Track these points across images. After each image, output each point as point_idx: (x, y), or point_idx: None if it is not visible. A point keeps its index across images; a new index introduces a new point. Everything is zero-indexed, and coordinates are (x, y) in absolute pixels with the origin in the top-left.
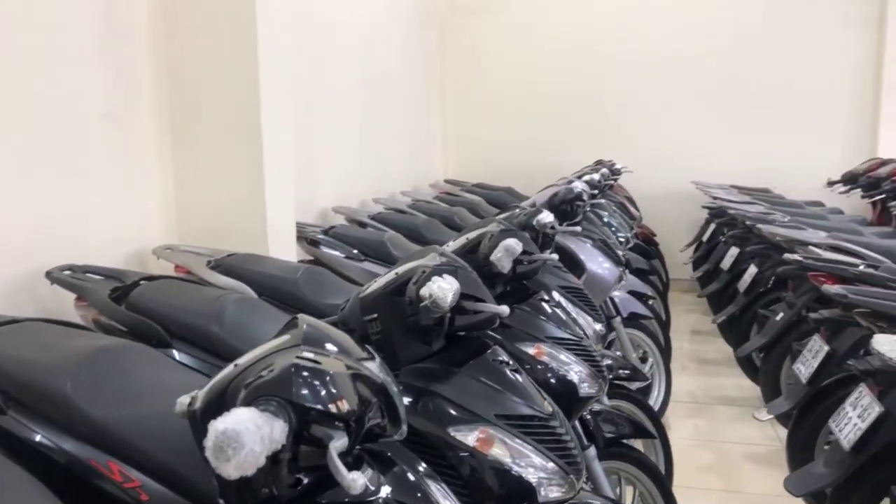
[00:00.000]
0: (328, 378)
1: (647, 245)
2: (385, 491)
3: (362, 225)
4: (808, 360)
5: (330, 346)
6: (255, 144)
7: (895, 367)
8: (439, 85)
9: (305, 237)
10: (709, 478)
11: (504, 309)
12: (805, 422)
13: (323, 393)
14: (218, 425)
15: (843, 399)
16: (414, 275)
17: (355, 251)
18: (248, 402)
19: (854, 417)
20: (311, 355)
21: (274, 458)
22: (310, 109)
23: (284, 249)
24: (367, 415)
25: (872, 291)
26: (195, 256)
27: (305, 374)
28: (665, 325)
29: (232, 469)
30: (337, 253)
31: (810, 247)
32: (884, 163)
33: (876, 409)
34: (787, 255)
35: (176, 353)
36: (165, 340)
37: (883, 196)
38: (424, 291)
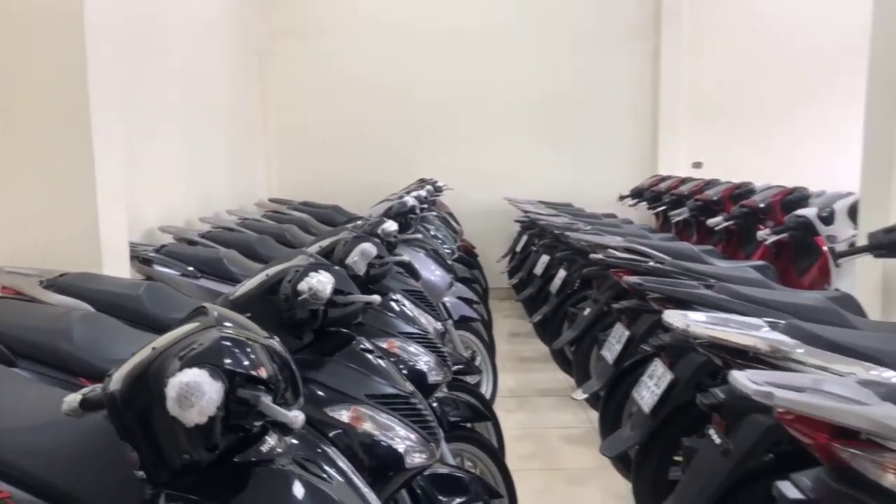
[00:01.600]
0: (250, 348)
1: (468, 256)
2: (290, 448)
3: (192, 243)
4: (613, 345)
5: (239, 327)
6: (86, 163)
7: (683, 337)
8: (260, 106)
9: (137, 256)
10: (533, 460)
11: (376, 297)
12: (613, 398)
13: (248, 361)
14: (181, 378)
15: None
16: (287, 274)
17: (191, 268)
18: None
19: (651, 386)
20: (231, 332)
21: (210, 418)
22: (130, 128)
23: (118, 268)
24: (281, 381)
25: (661, 280)
26: (24, 277)
27: (231, 344)
28: (489, 328)
29: (195, 414)
30: (171, 271)
31: (610, 249)
32: (663, 179)
33: (668, 378)
34: (591, 255)
35: (22, 372)
36: (9, 359)
37: (664, 207)
38: (303, 286)
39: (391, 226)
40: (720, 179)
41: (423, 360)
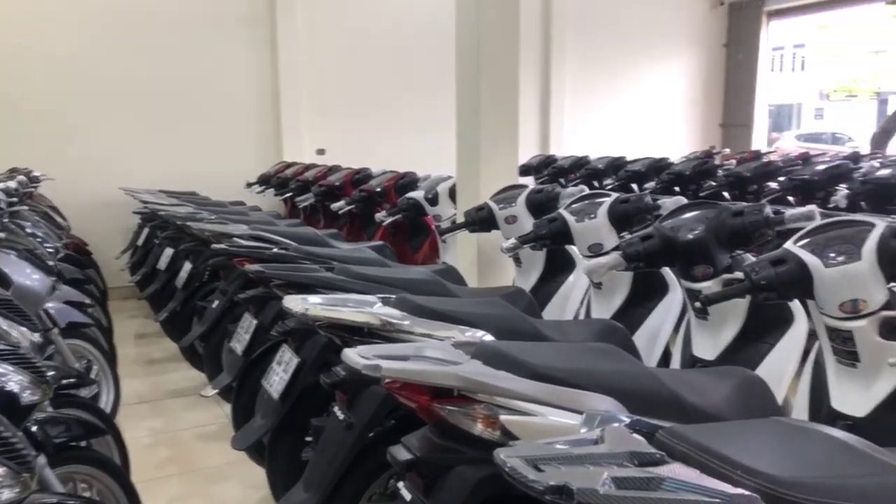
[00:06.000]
0: None
1: (79, 255)
2: None
3: None
4: (242, 335)
5: None
6: None
7: (304, 320)
8: None
9: None
10: (167, 467)
11: None
12: (245, 389)
13: None
14: None
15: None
16: None
17: None
18: None
19: (280, 372)
20: None
21: None
22: None
23: None
24: None
25: (284, 266)
26: None
27: None
28: (108, 332)
29: None
30: None
31: (235, 238)
32: (289, 165)
33: (295, 362)
34: (214, 246)
35: None
36: None
37: (291, 193)
38: None
39: None
40: (342, 165)
41: (15, 380)
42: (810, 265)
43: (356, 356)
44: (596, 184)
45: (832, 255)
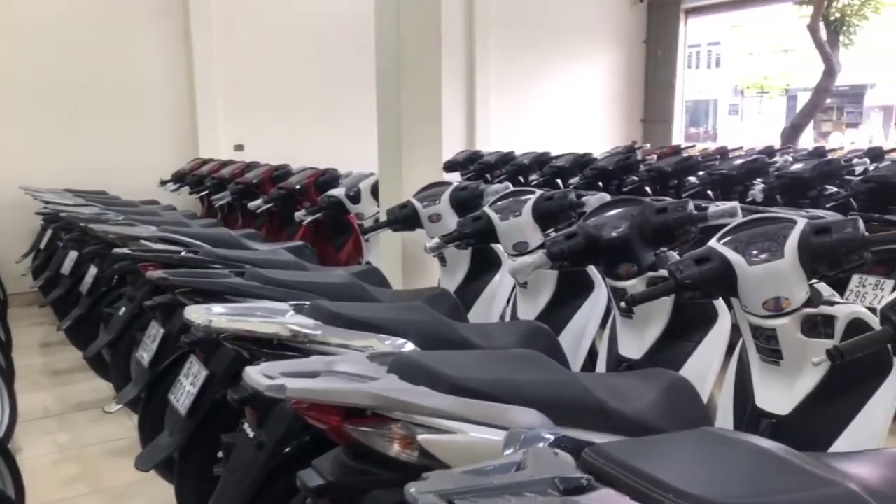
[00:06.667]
0: None
1: None
2: None
3: None
4: (149, 345)
5: None
6: None
7: (210, 332)
8: None
9: None
10: (73, 486)
11: None
12: (152, 402)
13: None
14: None
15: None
16: None
17: None
18: None
19: (187, 385)
20: None
21: None
22: None
23: None
24: None
25: (190, 272)
26: None
27: None
28: (6, 345)
29: None
30: None
31: (142, 241)
32: (205, 162)
33: (203, 374)
34: (116, 250)
35: None
36: None
37: (206, 192)
38: None
39: None
40: (260, 162)
41: None
42: (734, 263)
43: (259, 376)
44: (522, 179)
45: (755, 252)
